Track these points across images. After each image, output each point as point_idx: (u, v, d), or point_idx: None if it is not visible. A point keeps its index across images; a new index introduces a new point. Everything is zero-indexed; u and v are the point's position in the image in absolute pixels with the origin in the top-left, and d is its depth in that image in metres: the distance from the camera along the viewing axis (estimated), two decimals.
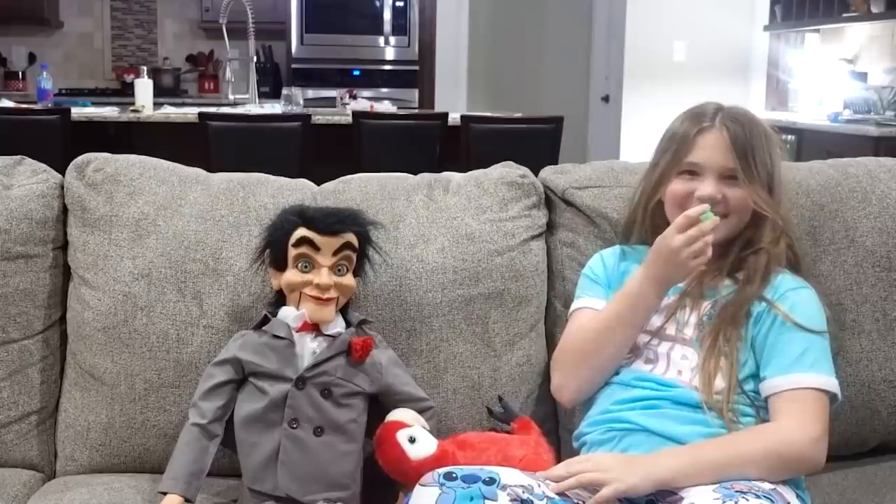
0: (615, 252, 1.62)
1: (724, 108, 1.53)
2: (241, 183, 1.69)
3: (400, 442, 1.39)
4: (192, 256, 1.59)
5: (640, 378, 1.47)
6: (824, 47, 5.99)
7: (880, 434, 1.68)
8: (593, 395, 1.53)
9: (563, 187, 1.73)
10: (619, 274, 1.56)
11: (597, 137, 6.93)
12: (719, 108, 1.53)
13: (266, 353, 1.42)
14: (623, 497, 1.29)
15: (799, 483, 1.39)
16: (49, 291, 1.63)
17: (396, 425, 1.41)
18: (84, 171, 1.66)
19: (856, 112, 5.18)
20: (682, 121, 1.55)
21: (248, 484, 1.40)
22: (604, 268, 1.60)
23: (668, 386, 1.45)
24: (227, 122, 4.20)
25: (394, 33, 6.41)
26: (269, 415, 1.39)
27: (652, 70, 6.41)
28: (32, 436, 1.61)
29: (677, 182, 1.52)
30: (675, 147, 1.52)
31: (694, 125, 1.52)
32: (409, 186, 1.72)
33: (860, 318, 1.66)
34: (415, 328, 1.59)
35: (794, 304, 1.45)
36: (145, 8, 6.91)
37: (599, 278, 1.59)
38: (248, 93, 5.12)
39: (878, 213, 1.70)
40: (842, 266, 1.67)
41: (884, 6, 5.09)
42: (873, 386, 1.64)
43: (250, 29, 4.97)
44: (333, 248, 1.44)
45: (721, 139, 1.49)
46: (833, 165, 1.79)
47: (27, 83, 6.53)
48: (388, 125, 4.41)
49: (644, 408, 1.44)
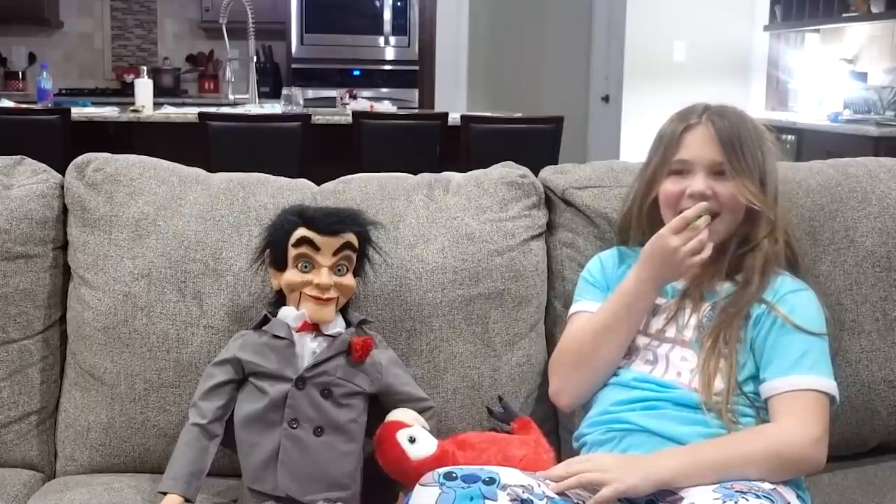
0: (613, 254, 1.62)
1: (712, 106, 1.53)
2: (241, 183, 1.69)
3: (400, 442, 1.39)
4: (192, 256, 1.59)
5: (640, 379, 1.47)
6: (824, 47, 5.99)
7: (880, 434, 1.68)
8: (592, 397, 1.53)
9: (563, 187, 1.73)
10: (618, 276, 1.55)
11: (597, 137, 6.93)
12: (708, 106, 1.54)
13: (266, 353, 1.42)
14: (623, 497, 1.29)
15: (799, 483, 1.39)
16: (49, 291, 1.63)
17: (396, 425, 1.41)
18: (84, 171, 1.66)
19: (856, 112, 5.18)
20: (671, 120, 1.55)
21: (248, 484, 1.40)
22: (602, 271, 1.60)
23: (668, 387, 1.45)
24: (227, 122, 4.20)
25: (394, 33, 6.41)
26: (269, 415, 1.39)
27: (652, 70, 6.41)
28: (32, 436, 1.61)
29: (669, 182, 1.52)
30: (664, 146, 1.53)
31: (681, 123, 1.52)
32: (409, 186, 1.72)
33: (860, 318, 1.66)
34: (415, 328, 1.59)
35: (793, 306, 1.45)
36: (145, 8, 6.91)
37: (598, 281, 1.59)
38: (248, 93, 5.12)
39: (878, 213, 1.70)
40: (842, 266, 1.67)
41: (884, 6, 5.09)
42: (873, 386, 1.64)
43: (250, 29, 4.97)
44: (333, 248, 1.44)
45: (707, 133, 1.49)
46: (833, 165, 1.79)
47: (27, 83, 6.53)
48: (388, 125, 4.41)
49: (644, 408, 1.44)
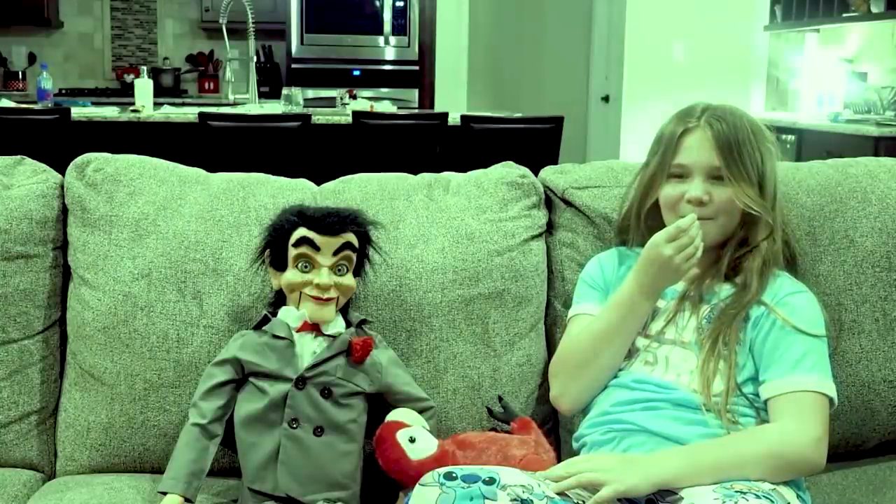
0: (612, 255, 1.62)
1: (710, 107, 1.53)
2: (240, 183, 1.69)
3: (400, 442, 1.39)
4: (192, 256, 1.59)
5: (640, 381, 1.47)
6: (824, 47, 5.99)
7: (880, 434, 1.68)
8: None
9: (563, 187, 1.73)
10: (618, 278, 1.55)
11: (597, 137, 6.93)
12: (707, 107, 1.53)
13: (266, 353, 1.42)
14: (623, 497, 1.29)
15: (799, 484, 1.39)
16: (49, 291, 1.63)
17: (396, 425, 1.41)
18: (84, 171, 1.66)
19: (856, 112, 5.18)
20: (671, 121, 1.55)
21: (248, 484, 1.40)
22: (602, 272, 1.60)
23: (667, 388, 1.45)
24: (227, 122, 4.20)
25: (394, 33, 6.40)
26: (269, 415, 1.39)
27: (652, 70, 6.41)
28: (32, 436, 1.61)
29: (668, 186, 1.52)
30: (663, 149, 1.52)
31: (680, 125, 1.52)
32: (409, 186, 1.72)
33: (860, 318, 1.66)
34: (415, 328, 1.59)
35: (793, 307, 1.45)
36: (145, 8, 6.91)
37: (597, 283, 1.59)
38: (248, 93, 5.12)
39: (878, 213, 1.70)
40: (841, 266, 1.67)
41: (884, 6, 5.09)
42: (873, 386, 1.64)
43: (250, 29, 4.97)
44: (333, 247, 1.44)
45: (705, 137, 1.48)
46: (833, 165, 1.79)
47: (27, 83, 6.53)
48: (388, 125, 4.40)
49: (644, 409, 1.44)
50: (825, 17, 5.65)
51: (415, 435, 1.40)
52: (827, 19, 5.65)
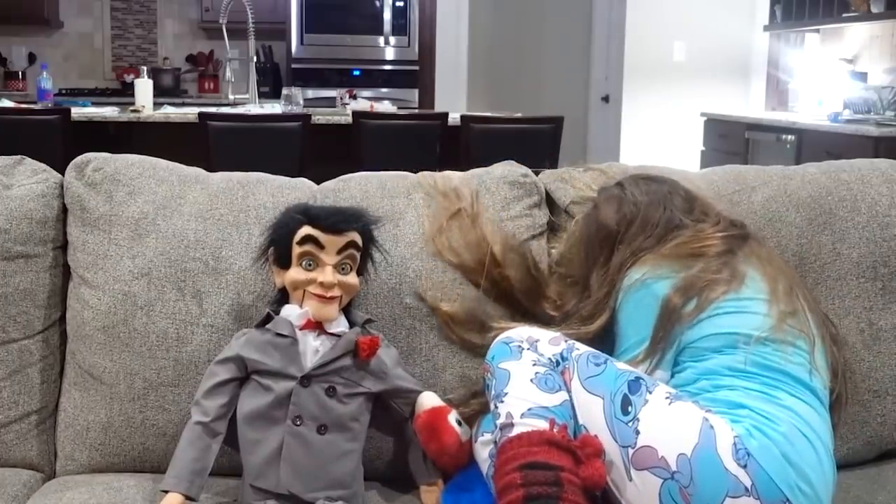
0: None
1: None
2: (240, 182, 1.69)
3: (454, 426, 1.42)
4: (192, 255, 1.59)
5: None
6: (824, 47, 5.99)
7: (877, 447, 1.66)
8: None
9: (565, 203, 1.72)
10: None
11: (597, 137, 6.93)
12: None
13: (269, 350, 1.42)
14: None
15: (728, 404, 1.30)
16: (49, 291, 1.63)
17: (445, 410, 1.43)
18: (84, 170, 1.66)
19: (856, 112, 5.17)
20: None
21: (251, 481, 1.40)
22: None
23: None
24: (227, 122, 4.20)
25: (394, 33, 6.40)
26: (272, 412, 1.39)
27: (652, 70, 6.41)
28: (32, 436, 1.61)
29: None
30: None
31: None
32: (409, 185, 1.72)
33: (844, 330, 1.62)
34: (414, 326, 1.59)
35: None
36: (145, 8, 6.91)
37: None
38: (248, 93, 5.12)
39: (867, 221, 1.69)
40: (825, 282, 1.65)
41: (884, 6, 5.09)
42: (857, 396, 1.61)
43: (250, 29, 4.97)
44: (338, 246, 1.44)
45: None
46: (826, 171, 1.78)
47: (27, 83, 6.53)
48: (388, 125, 4.40)
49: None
50: (825, 17, 5.65)
51: (458, 418, 1.43)
52: (827, 19, 5.64)
